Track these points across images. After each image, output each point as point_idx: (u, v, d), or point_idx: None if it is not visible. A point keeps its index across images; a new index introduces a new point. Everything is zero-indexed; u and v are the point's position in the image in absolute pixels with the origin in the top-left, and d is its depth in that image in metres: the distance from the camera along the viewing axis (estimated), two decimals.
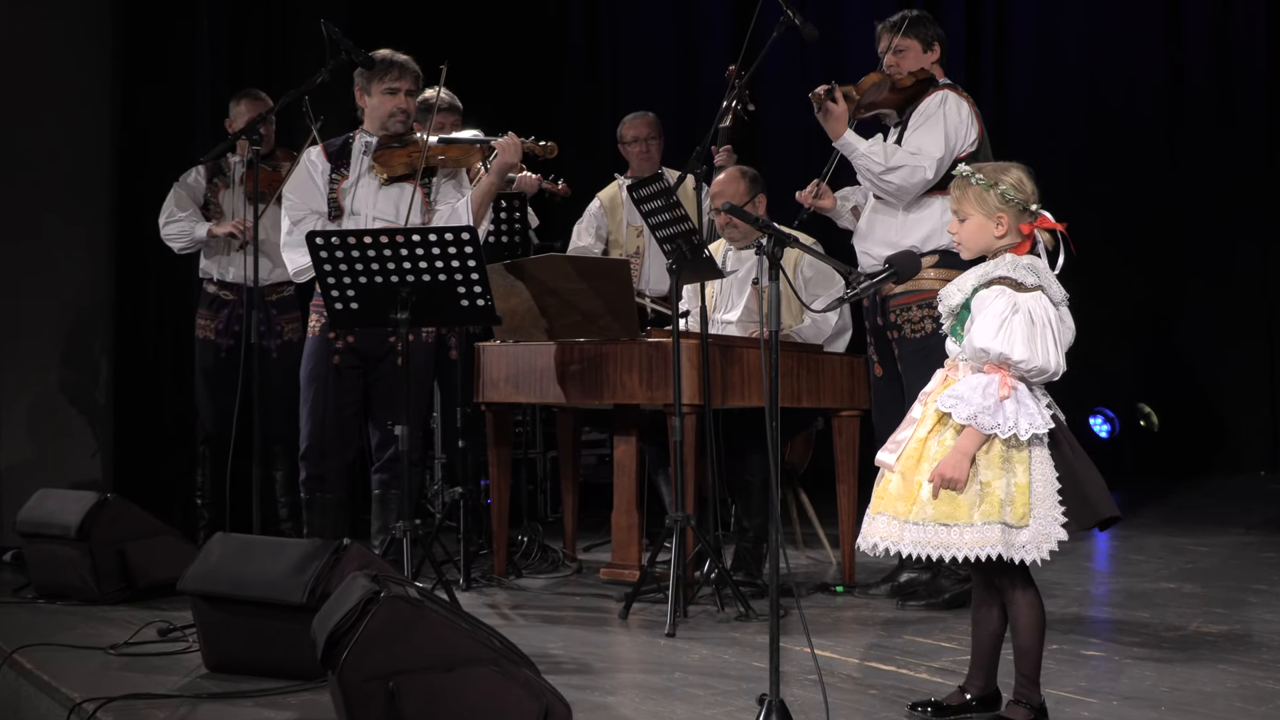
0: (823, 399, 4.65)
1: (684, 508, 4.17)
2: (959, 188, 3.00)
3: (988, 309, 2.86)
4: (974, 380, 2.86)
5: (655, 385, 4.34)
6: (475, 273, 3.96)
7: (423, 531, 4.26)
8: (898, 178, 4.30)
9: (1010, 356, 2.81)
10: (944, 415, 2.88)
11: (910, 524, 2.83)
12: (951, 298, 2.99)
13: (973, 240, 2.98)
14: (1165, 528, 6.04)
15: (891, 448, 2.93)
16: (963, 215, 2.99)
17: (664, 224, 4.23)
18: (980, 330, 2.84)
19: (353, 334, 4.50)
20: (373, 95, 4.56)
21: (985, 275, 2.94)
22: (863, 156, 4.34)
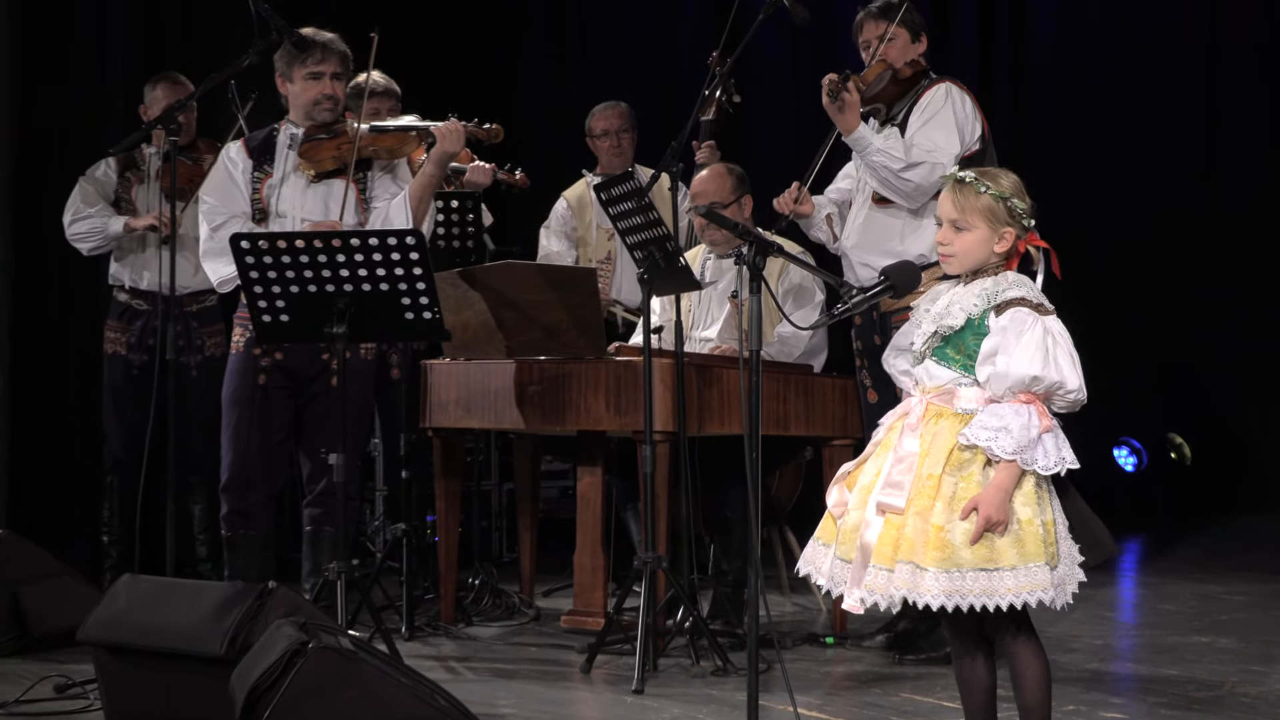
0: (813, 426, 4.67)
1: (655, 548, 4.18)
2: (962, 194, 3.03)
3: (1024, 335, 2.92)
4: (1009, 411, 2.90)
5: (624, 409, 4.35)
6: (422, 281, 3.96)
7: (360, 573, 4.25)
8: (917, 176, 4.36)
9: (1066, 385, 2.89)
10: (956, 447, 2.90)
11: (939, 573, 2.84)
12: (949, 316, 3.01)
13: (971, 255, 3.02)
14: (1197, 573, 6.06)
15: (893, 489, 2.93)
16: (963, 225, 3.02)
17: (635, 228, 4.25)
18: (1024, 357, 2.91)
19: (281, 350, 4.48)
20: (294, 82, 4.53)
21: (995, 295, 2.98)
22: (879, 153, 4.39)
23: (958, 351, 2.99)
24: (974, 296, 3.00)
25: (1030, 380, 2.89)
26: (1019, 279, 3.01)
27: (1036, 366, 2.88)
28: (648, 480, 4.16)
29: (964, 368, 2.98)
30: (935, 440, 2.94)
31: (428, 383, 4.89)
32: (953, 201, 3.04)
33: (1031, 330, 2.91)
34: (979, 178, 3.03)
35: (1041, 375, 2.89)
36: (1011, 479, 2.86)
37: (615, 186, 4.27)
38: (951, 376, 2.99)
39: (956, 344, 2.99)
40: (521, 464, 5.27)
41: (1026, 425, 2.86)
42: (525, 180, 5.44)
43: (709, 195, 4.95)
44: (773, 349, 4.83)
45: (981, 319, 2.97)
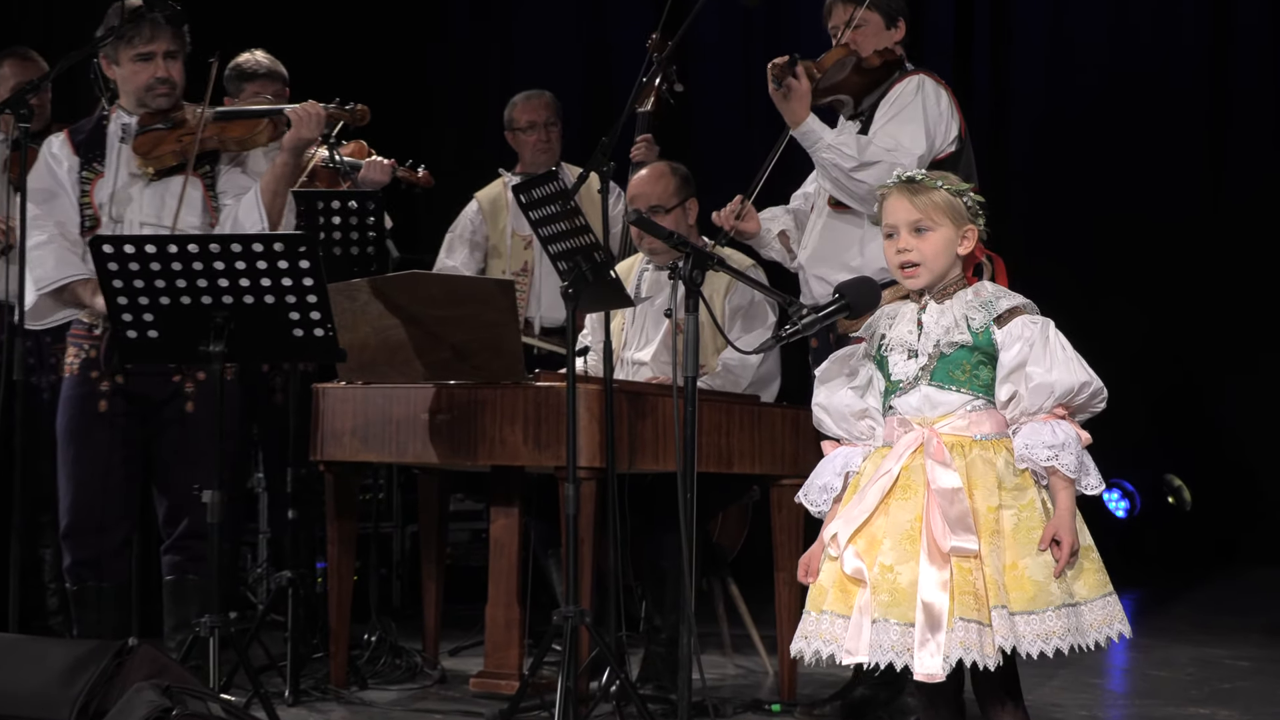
0: (760, 463, 4.71)
1: (578, 600, 4.20)
2: (917, 192, 3.12)
3: (1050, 342, 3.04)
4: (1059, 428, 3.01)
5: (545, 442, 4.37)
6: (313, 293, 3.97)
7: (238, 628, 4.23)
8: (872, 177, 4.37)
9: (1102, 389, 3.05)
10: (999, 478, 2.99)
11: (1030, 615, 2.91)
12: (958, 331, 3.09)
13: (939, 259, 3.12)
14: (1196, 635, 6.11)
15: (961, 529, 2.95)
16: (926, 225, 3.11)
17: (559, 235, 4.28)
18: (1065, 365, 3.03)
19: (123, 372, 4.43)
20: (121, 64, 4.49)
21: (990, 305, 3.10)
22: (830, 149, 4.42)
23: (962, 372, 3.08)
24: (968, 309, 3.10)
25: (1079, 387, 3.02)
26: (999, 288, 3.12)
27: (1082, 372, 3.03)
28: (571, 523, 4.17)
29: (974, 388, 3.07)
30: (973, 471, 3.02)
31: (319, 409, 4.88)
32: (910, 202, 3.13)
33: (1056, 337, 3.05)
34: (928, 175, 3.14)
35: (1090, 380, 3.03)
36: (1073, 501, 2.99)
37: (536, 187, 4.28)
38: (962, 400, 3.07)
39: (959, 364, 3.08)
40: (427, 503, 5.27)
41: (1078, 441, 3.00)
42: (429, 178, 5.46)
43: (648, 198, 4.99)
44: (718, 379, 4.87)
45: (985, 333, 3.08)
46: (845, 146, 4.41)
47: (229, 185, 4.54)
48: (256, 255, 3.93)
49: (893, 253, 3.16)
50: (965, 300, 3.11)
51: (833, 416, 3.24)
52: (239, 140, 4.53)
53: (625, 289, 4.49)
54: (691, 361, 3.09)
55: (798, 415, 4.81)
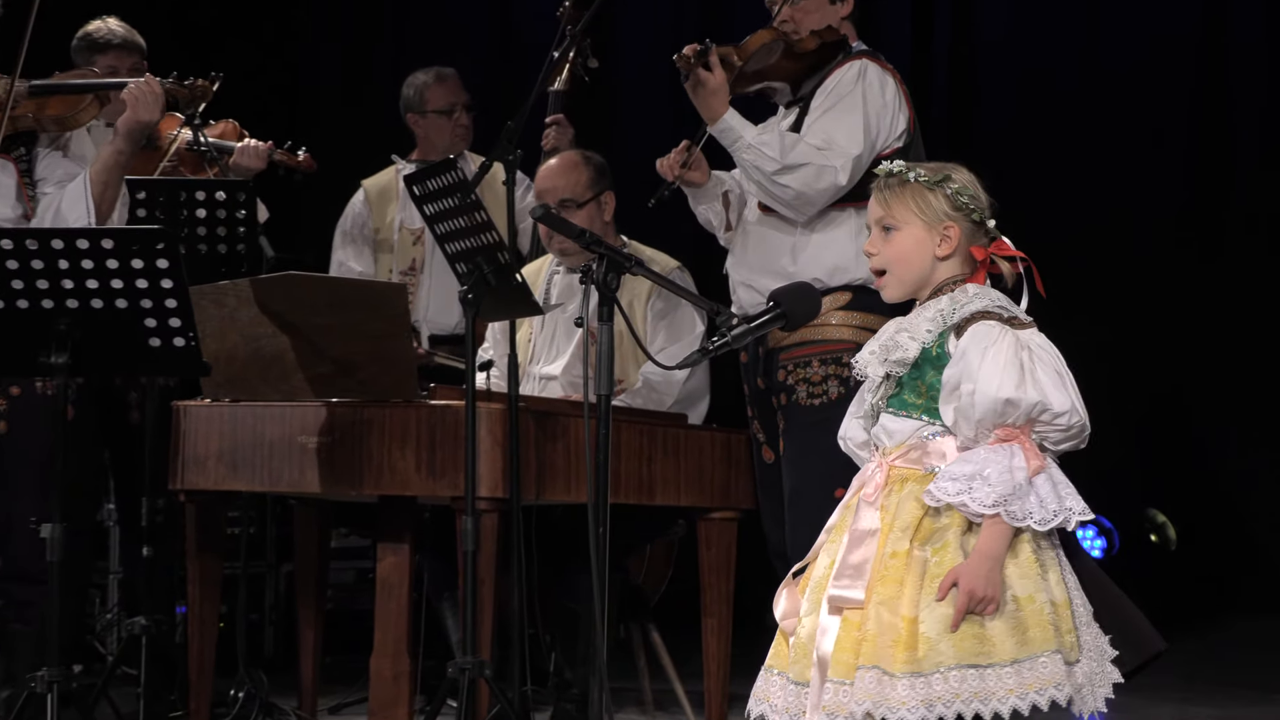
0: (686, 493, 4.75)
1: (477, 650, 4.21)
2: (888, 187, 3.12)
3: (992, 350, 2.96)
4: (985, 453, 2.93)
5: (440, 469, 4.38)
6: (172, 297, 3.95)
7: (82, 683, 4.20)
8: (797, 181, 4.41)
9: (1050, 407, 2.91)
10: (926, 514, 2.96)
11: (914, 678, 2.83)
12: (902, 349, 3.06)
13: (905, 262, 3.09)
14: (1181, 692, 6.11)
15: (849, 577, 2.95)
16: (890, 224, 3.10)
17: (457, 232, 4.30)
18: (995, 379, 2.93)
19: None
20: None
21: (952, 312, 3.04)
22: (750, 149, 4.43)
23: (917, 395, 3.05)
24: (927, 320, 3.06)
25: (1003, 406, 2.91)
26: (982, 290, 3.06)
27: (1009, 386, 2.91)
28: (469, 561, 4.19)
29: (929, 413, 3.04)
30: (899, 511, 2.99)
31: (180, 431, 4.86)
32: (877, 196, 3.13)
33: (999, 344, 2.96)
34: (907, 166, 3.12)
35: (1016, 397, 2.91)
36: (999, 542, 2.87)
37: (432, 177, 4.30)
38: (914, 428, 3.05)
39: (914, 385, 3.05)
40: (304, 539, 5.26)
41: (1009, 468, 2.89)
42: (310, 162, 5.45)
43: (558, 191, 5.01)
44: (638, 396, 4.91)
45: (940, 345, 3.03)
46: (767, 147, 4.40)
47: (49, 171, 4.52)
48: (107, 253, 3.90)
49: (864, 250, 3.19)
50: (937, 309, 3.07)
51: (850, 449, 3.25)
52: (58, 119, 4.50)
53: (533, 294, 4.52)
54: (605, 377, 3.12)
55: (729, 439, 4.85)
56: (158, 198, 4.89)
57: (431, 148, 6.05)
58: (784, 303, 3.23)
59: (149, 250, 3.92)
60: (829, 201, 4.45)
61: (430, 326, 5.94)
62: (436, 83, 6.08)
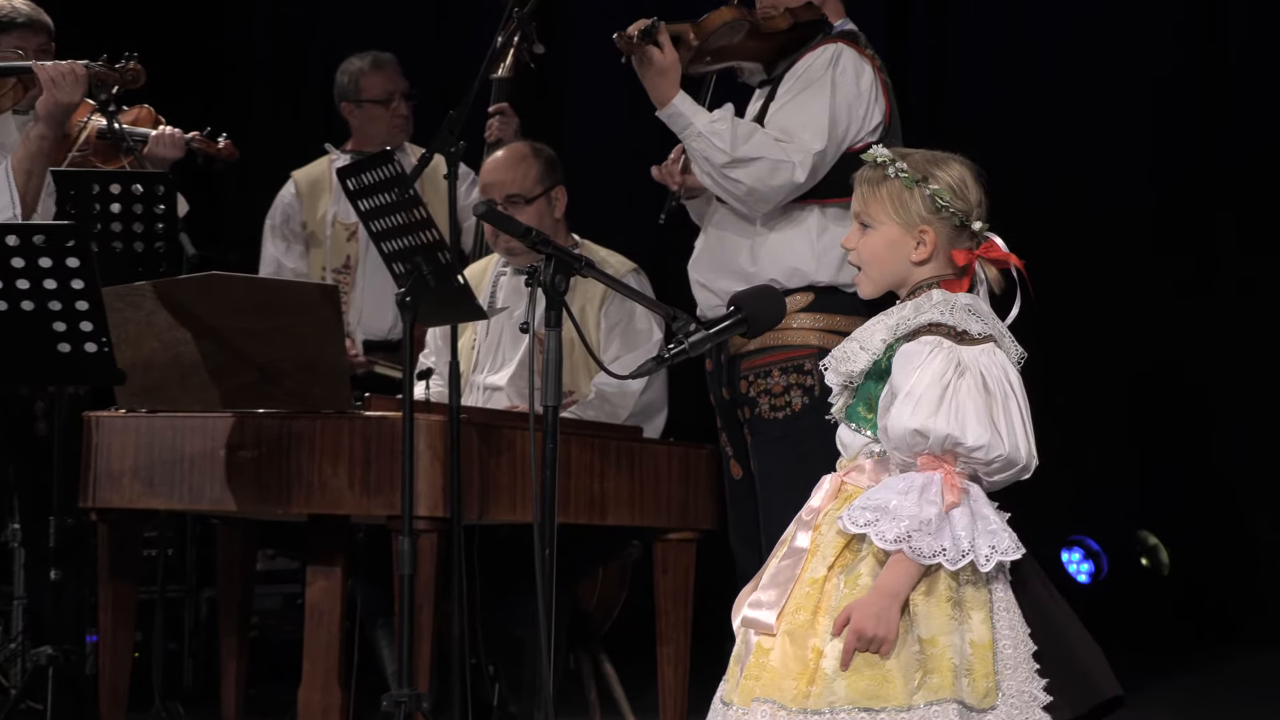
0: (642, 513, 4.76)
1: (413, 682, 4.21)
2: (866, 181, 3.13)
3: (918, 371, 2.96)
4: (902, 482, 2.95)
5: (375, 486, 4.39)
6: (83, 299, 3.96)
7: None
8: (748, 176, 4.40)
9: (962, 440, 2.91)
10: (851, 540, 2.99)
11: (810, 714, 2.87)
12: (851, 360, 3.09)
13: (878, 263, 3.12)
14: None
15: (766, 600, 3.00)
16: (866, 221, 3.12)
17: (395, 230, 4.30)
18: (910, 403, 2.94)
19: None
20: None
21: (905, 323, 3.05)
22: (699, 137, 4.40)
23: (868, 408, 3.08)
24: (883, 329, 3.08)
25: (912, 436, 2.93)
26: (947, 298, 3.06)
27: (923, 416, 2.91)
28: (406, 586, 4.19)
29: (876, 429, 3.06)
30: (828, 533, 3.02)
31: (92, 444, 4.84)
32: (856, 191, 3.16)
33: (928, 364, 2.96)
34: (894, 157, 3.12)
35: (925, 427, 2.91)
36: (901, 580, 2.89)
37: (367, 170, 4.30)
38: (863, 444, 3.09)
39: (866, 398, 3.08)
40: (227, 562, 5.25)
41: (918, 501, 2.90)
42: (233, 150, 5.45)
43: (505, 185, 5.02)
44: (590, 408, 4.92)
45: (888, 358, 3.05)
46: (718, 137, 4.37)
47: None
48: (11, 250, 3.91)
49: (842, 243, 3.23)
50: (898, 315, 3.09)
51: None
52: None
53: (476, 298, 4.52)
54: (553, 387, 3.14)
55: (688, 455, 4.87)
56: (68, 191, 4.87)
57: (367, 139, 6.07)
58: (745, 307, 3.25)
59: (57, 247, 3.93)
60: (784, 199, 4.45)
61: (365, 331, 5.95)
62: (373, 69, 6.09)
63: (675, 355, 3.21)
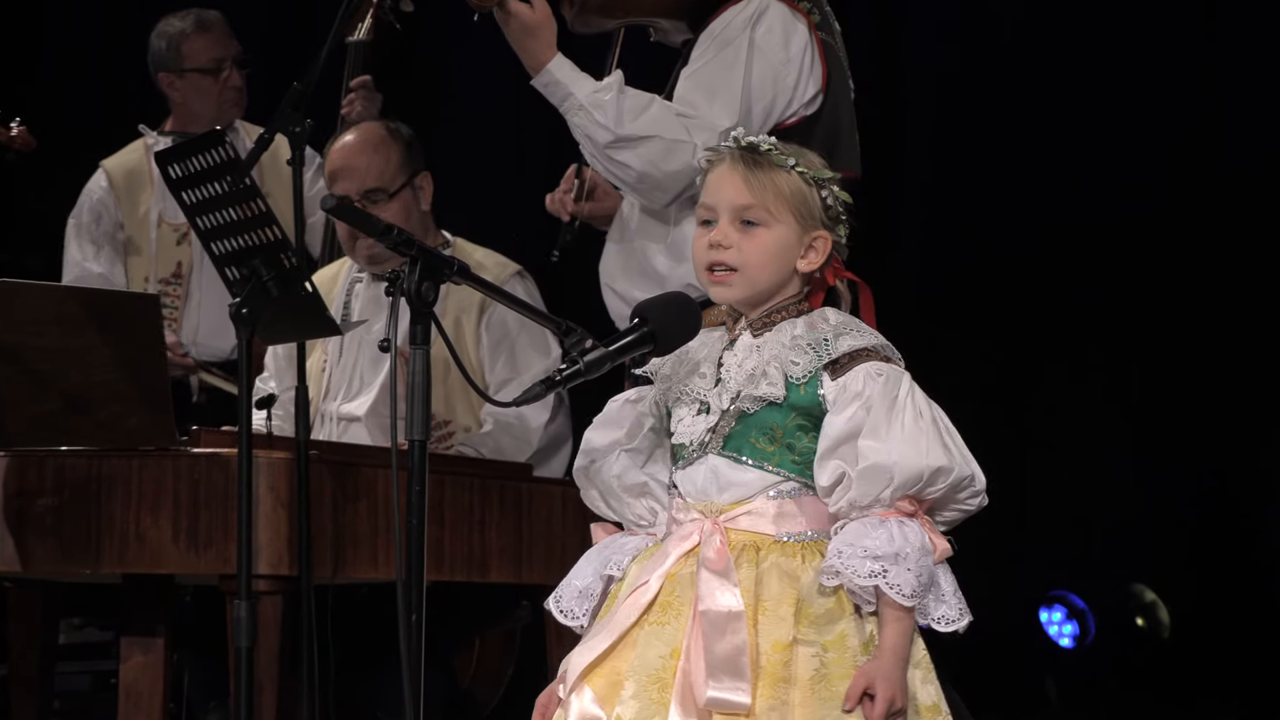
0: (531, 568, 4.80)
1: None
2: (756, 166, 3.20)
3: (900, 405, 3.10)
4: (896, 531, 3.05)
5: (205, 538, 4.39)
6: None
7: None
8: (638, 158, 4.36)
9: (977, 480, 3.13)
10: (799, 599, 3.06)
11: None
12: (769, 381, 3.15)
13: (764, 267, 3.20)
14: None
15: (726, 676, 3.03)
16: (758, 217, 3.19)
17: (227, 228, 4.28)
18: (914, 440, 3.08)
19: None
20: None
21: (819, 343, 3.15)
22: (580, 111, 4.37)
23: (769, 439, 3.16)
24: (791, 348, 3.16)
25: (931, 474, 3.07)
26: (847, 318, 3.20)
27: (938, 453, 3.08)
28: (243, 660, 4.19)
29: (785, 465, 3.15)
30: (764, 588, 3.08)
31: None
32: (744, 179, 3.21)
33: (910, 399, 3.11)
34: (780, 146, 3.22)
35: (946, 465, 3.08)
36: (906, 640, 3.05)
37: (194, 155, 4.29)
38: (764, 482, 3.16)
39: (766, 428, 3.16)
40: (23, 632, 5.21)
41: (922, 550, 3.05)
42: (27, 138, 5.45)
43: (361, 175, 5.08)
44: (487, 442, 4.98)
45: (810, 384, 3.15)
46: (601, 111, 4.35)
47: None
48: None
49: (703, 247, 3.22)
50: (791, 335, 3.18)
51: (599, 489, 3.35)
52: None
53: (327, 309, 4.53)
54: (420, 417, 3.15)
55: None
56: None
57: (192, 116, 6.05)
58: (651, 319, 3.24)
59: None
60: (686, 187, 4.37)
61: (201, 353, 5.94)
62: (196, 31, 6.07)
63: (568, 378, 3.21)
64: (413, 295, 3.15)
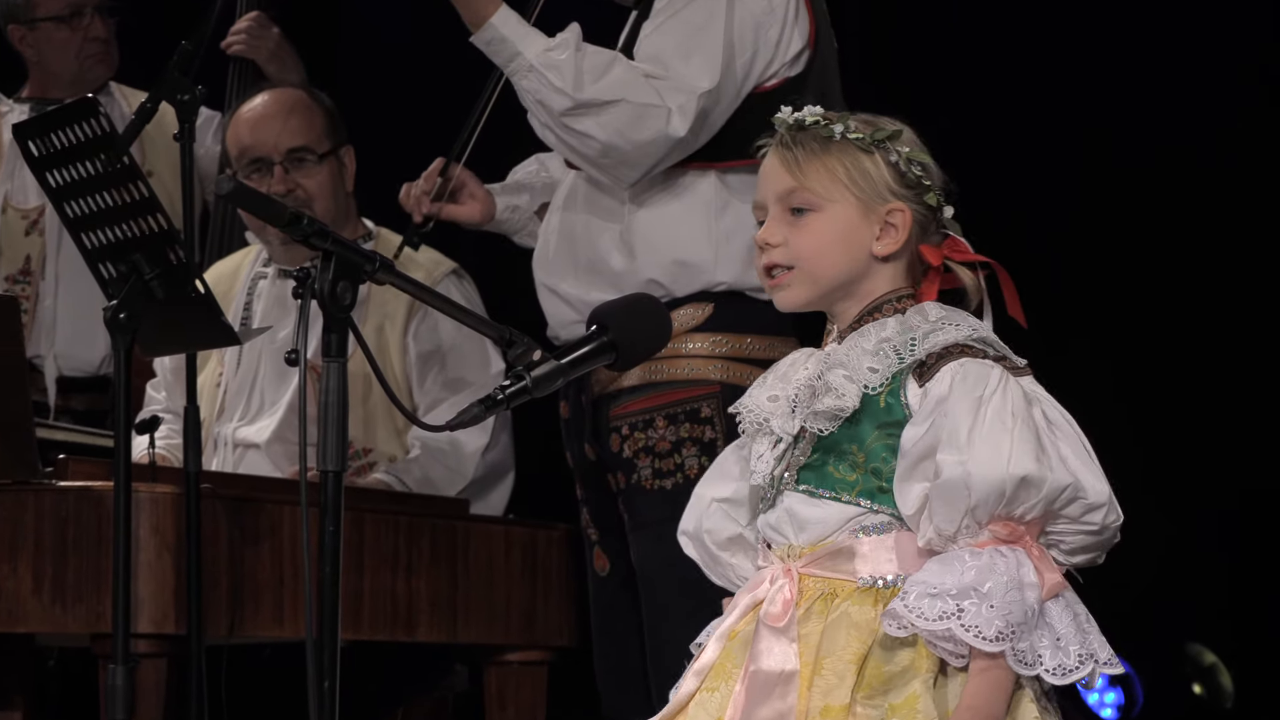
0: (469, 625, 4.81)
1: None
2: (798, 144, 3.19)
3: (990, 404, 3.03)
4: (980, 560, 3.00)
5: (74, 591, 4.38)
6: None
7: None
8: (603, 128, 4.38)
9: (1085, 492, 3.03)
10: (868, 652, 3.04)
11: None
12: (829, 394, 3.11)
13: (827, 258, 3.16)
14: None
15: None
16: (804, 202, 3.17)
17: (100, 216, 4.28)
18: (997, 445, 3.01)
19: None
20: None
21: (908, 343, 3.11)
22: (531, 73, 4.39)
23: (850, 466, 3.12)
24: (868, 355, 3.13)
25: (1016, 487, 2.98)
26: (951, 312, 3.14)
27: (1025, 458, 2.98)
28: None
29: (869, 495, 3.11)
30: (828, 643, 3.07)
31: None
32: (781, 160, 3.20)
33: (1000, 395, 3.03)
34: (830, 117, 3.18)
35: (1037, 475, 2.98)
36: (999, 697, 2.98)
37: (61, 127, 4.30)
38: (845, 517, 3.12)
39: (846, 452, 3.12)
40: None
41: (1016, 582, 2.97)
42: None
43: (275, 131, 5.09)
44: (412, 471, 4.99)
45: (892, 393, 3.11)
46: (556, 72, 4.37)
47: None
48: None
49: (758, 241, 3.21)
50: (878, 338, 3.14)
51: (697, 550, 3.33)
52: None
53: (223, 313, 4.52)
54: (334, 444, 3.13)
55: (535, 538, 4.93)
56: None
57: (51, 77, 6.04)
58: (610, 323, 3.24)
59: None
60: (660, 162, 4.43)
61: (62, 363, 5.93)
62: None
63: (512, 396, 3.19)
64: (326, 297, 3.13)
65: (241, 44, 5.62)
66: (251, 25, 5.61)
